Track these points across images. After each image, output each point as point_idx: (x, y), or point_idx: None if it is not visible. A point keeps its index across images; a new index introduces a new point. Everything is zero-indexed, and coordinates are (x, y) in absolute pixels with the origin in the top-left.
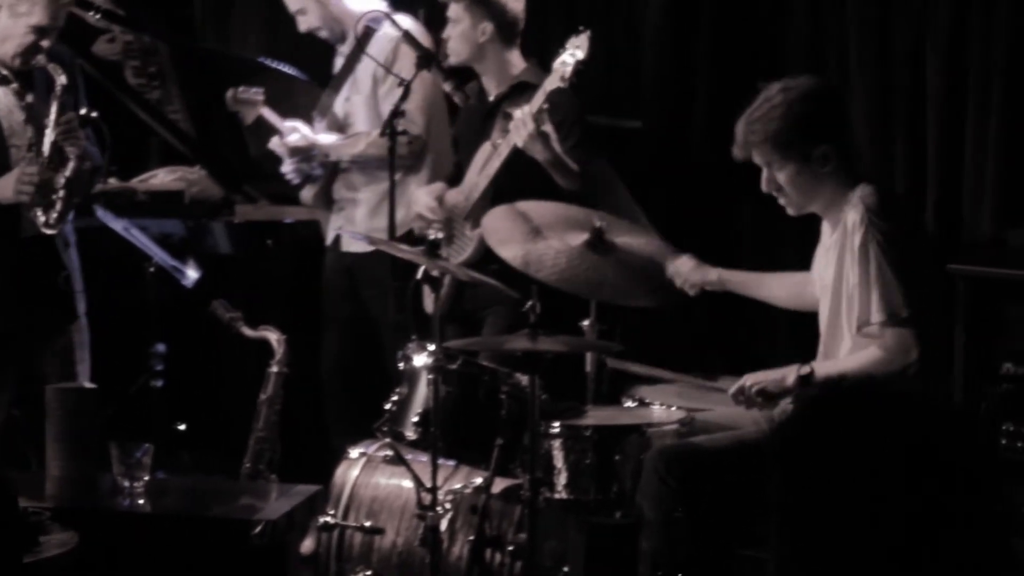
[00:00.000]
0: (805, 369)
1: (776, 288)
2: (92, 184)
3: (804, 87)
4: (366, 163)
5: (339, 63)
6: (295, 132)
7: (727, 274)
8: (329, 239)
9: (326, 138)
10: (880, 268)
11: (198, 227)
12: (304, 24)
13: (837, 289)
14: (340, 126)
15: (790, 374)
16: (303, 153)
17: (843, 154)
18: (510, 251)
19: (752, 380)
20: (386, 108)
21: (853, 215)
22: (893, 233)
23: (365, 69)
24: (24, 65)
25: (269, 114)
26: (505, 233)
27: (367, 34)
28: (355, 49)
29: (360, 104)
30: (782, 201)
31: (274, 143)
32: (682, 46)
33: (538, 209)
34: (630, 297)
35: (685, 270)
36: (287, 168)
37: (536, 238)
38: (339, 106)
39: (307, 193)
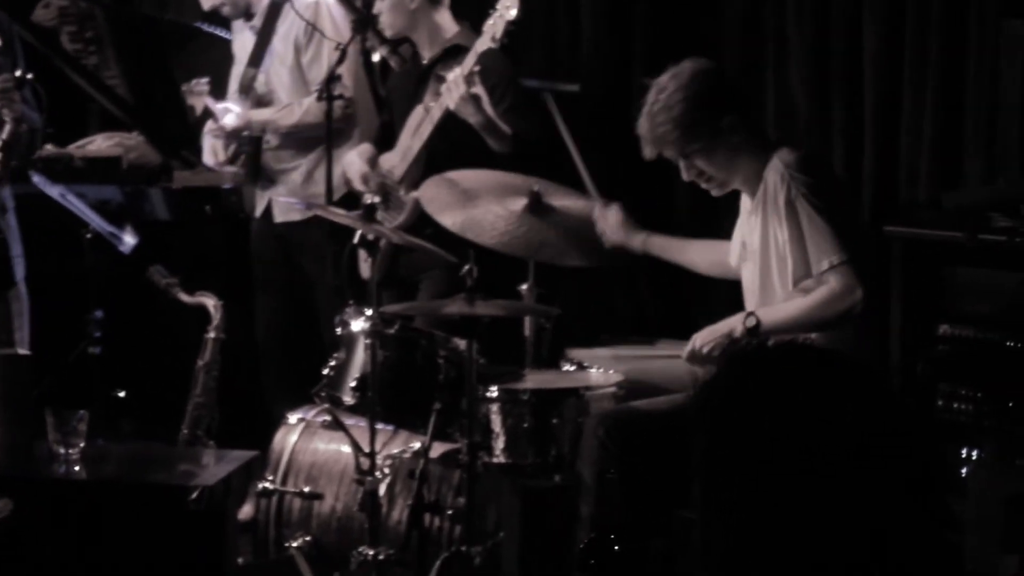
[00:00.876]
0: (751, 320)
1: (697, 255)
2: (32, 147)
3: (692, 68)
4: (300, 132)
5: (245, 39)
6: (228, 113)
7: (651, 239)
8: (259, 210)
9: (260, 113)
10: (810, 219)
11: (136, 193)
12: (207, 1)
13: (765, 251)
14: (263, 101)
15: (737, 326)
16: (240, 132)
17: (749, 123)
18: (449, 217)
19: (701, 340)
20: (312, 75)
21: (773, 176)
22: (816, 184)
23: (283, 40)
24: None
25: (210, 102)
26: (443, 201)
27: (277, 5)
28: (267, 22)
29: (284, 75)
30: (705, 185)
31: (209, 127)
32: (620, 9)
33: (471, 177)
34: (570, 258)
35: (611, 223)
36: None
37: (473, 204)
38: (259, 81)
39: (238, 170)
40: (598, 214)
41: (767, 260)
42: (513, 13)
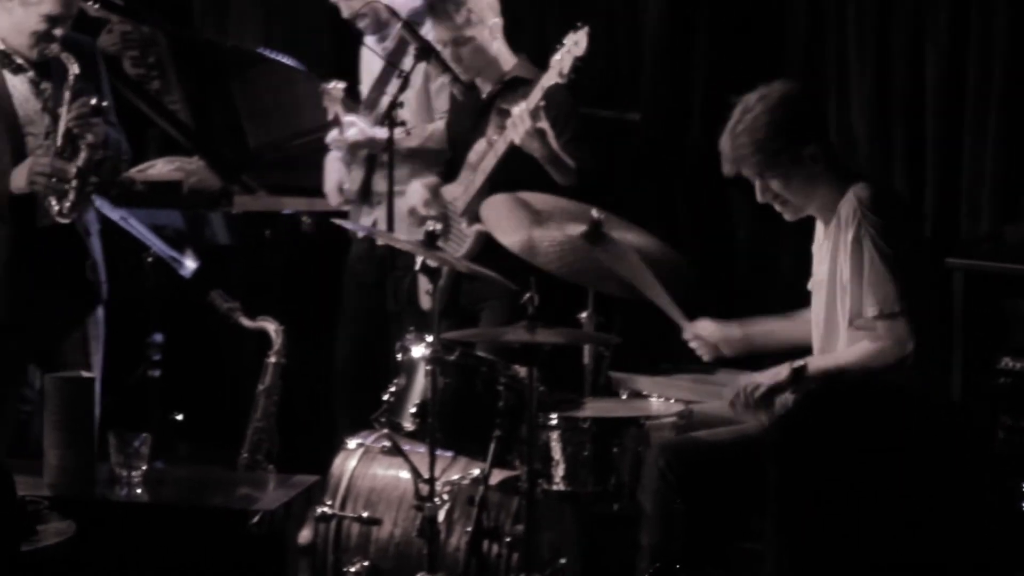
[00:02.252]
0: (798, 363)
1: (800, 330)
2: (116, 173)
3: (781, 91)
4: (417, 157)
5: (371, 57)
6: (353, 127)
7: (750, 332)
8: (363, 232)
9: (382, 132)
10: (872, 262)
11: (196, 217)
12: (348, 10)
13: (832, 284)
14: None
15: (783, 370)
16: (361, 148)
17: (830, 152)
18: (509, 237)
19: (749, 383)
20: (439, 103)
21: (847, 209)
22: (886, 227)
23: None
24: (39, 55)
25: (341, 111)
26: (505, 220)
27: (408, 29)
28: (400, 43)
29: (411, 98)
30: (779, 208)
31: (332, 137)
32: (681, 39)
33: (537, 198)
34: (610, 287)
35: (707, 332)
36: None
37: (535, 226)
38: (386, 101)
39: (350, 187)
40: (691, 336)
41: (833, 294)
42: (582, 49)
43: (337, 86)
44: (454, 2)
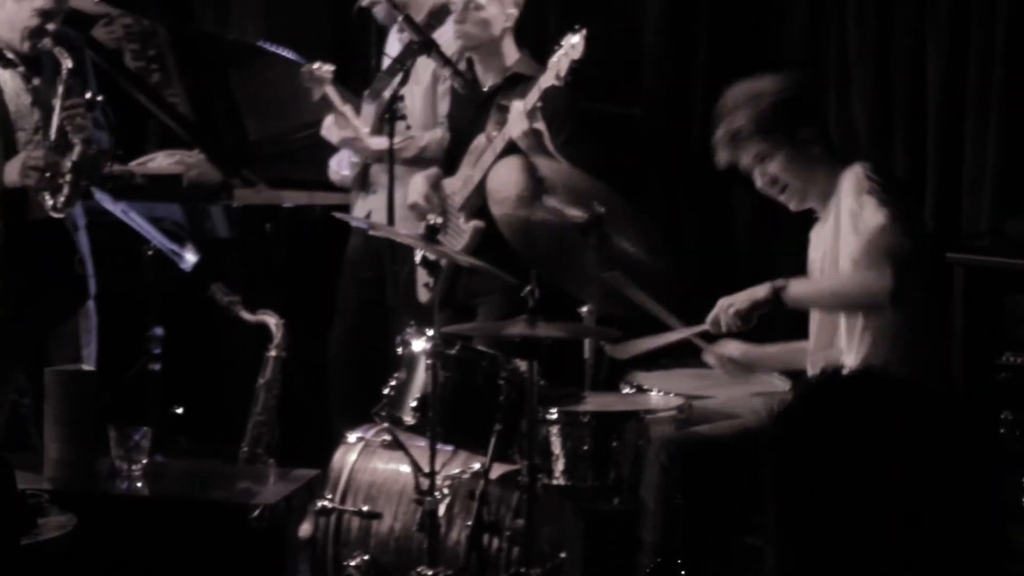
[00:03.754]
0: (780, 283)
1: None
2: (100, 168)
3: (774, 77)
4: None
5: (394, 46)
6: (348, 127)
7: (772, 350)
8: (356, 223)
9: (378, 142)
10: (869, 213)
11: (196, 211)
12: None
13: (834, 258)
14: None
15: (762, 289)
16: (349, 147)
17: (827, 137)
18: (501, 209)
19: (726, 302)
20: (443, 107)
21: (849, 180)
22: (884, 197)
23: (427, 61)
24: (31, 49)
25: (333, 93)
26: (507, 189)
27: (432, 26)
28: (418, 38)
29: (416, 95)
30: (782, 197)
31: (327, 125)
32: (681, 33)
33: (549, 166)
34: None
35: (736, 353)
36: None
37: (534, 205)
38: (388, 92)
39: (348, 174)
40: (716, 361)
41: (835, 268)
42: (579, 52)
43: (323, 67)
44: None
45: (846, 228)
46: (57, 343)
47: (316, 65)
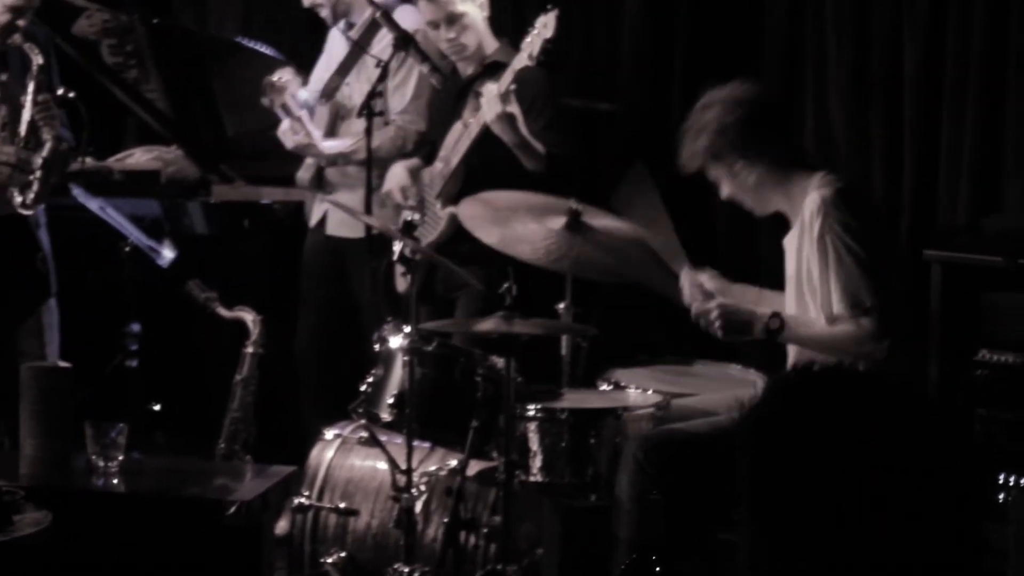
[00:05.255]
0: (775, 322)
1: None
2: (67, 165)
3: (740, 87)
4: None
5: (338, 45)
6: (301, 131)
7: (743, 293)
8: (314, 219)
9: (331, 146)
10: (839, 258)
11: (174, 207)
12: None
13: (799, 281)
14: (341, 112)
15: (758, 323)
16: (301, 151)
17: (792, 148)
18: (490, 234)
19: (719, 312)
20: (394, 102)
21: (810, 207)
22: (850, 224)
23: (378, 53)
24: (1, 45)
25: (290, 100)
26: (483, 218)
27: (377, 23)
28: (364, 36)
29: (366, 91)
30: (746, 206)
31: (282, 130)
32: (660, 29)
33: (506, 198)
34: (612, 275)
35: (710, 284)
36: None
37: (512, 222)
38: (343, 93)
39: (303, 174)
40: (687, 280)
41: (800, 291)
42: (551, 31)
43: (282, 79)
44: None
45: (818, 270)
46: (25, 338)
47: (275, 77)
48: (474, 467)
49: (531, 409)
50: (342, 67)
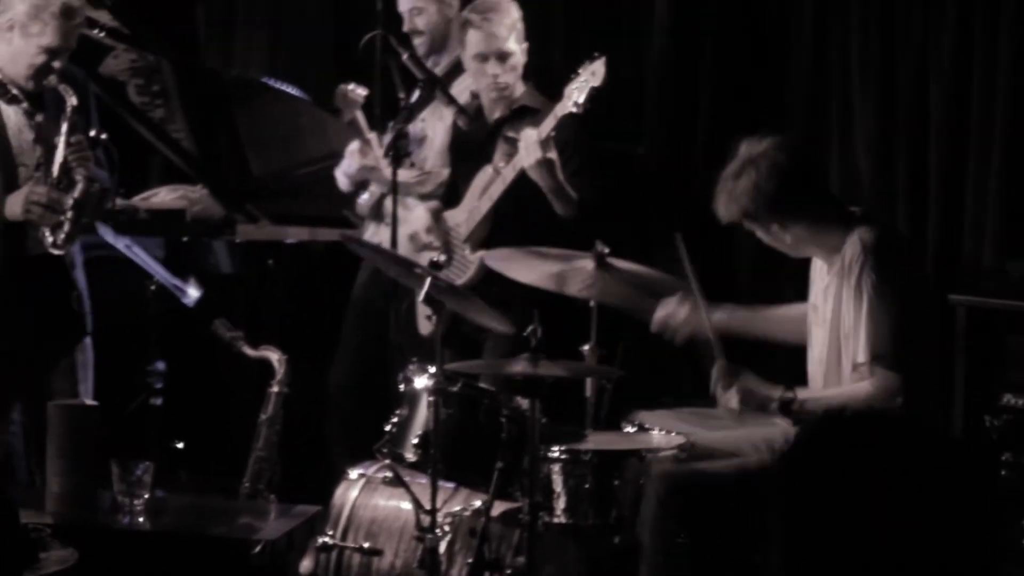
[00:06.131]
0: (788, 395)
1: (780, 323)
2: (102, 206)
3: (776, 142)
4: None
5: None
6: (370, 155)
7: (734, 315)
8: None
9: (399, 175)
10: (872, 308)
11: (200, 246)
12: (411, 24)
13: (835, 326)
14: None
15: (774, 394)
16: (366, 175)
17: (830, 198)
18: (532, 275)
19: (741, 396)
20: (424, 151)
21: (851, 251)
22: (888, 273)
23: (456, 96)
24: (36, 86)
25: (361, 118)
26: (512, 258)
27: (414, 60)
28: (449, 72)
29: (439, 130)
30: (782, 249)
31: (351, 150)
32: (686, 71)
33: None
34: (641, 309)
35: (682, 311)
36: (340, 174)
37: (542, 263)
38: (417, 127)
39: (363, 202)
40: (670, 309)
41: (836, 336)
42: (599, 80)
43: (357, 89)
44: (498, 10)
45: (853, 319)
46: (58, 377)
47: (351, 87)
48: (498, 508)
49: (555, 450)
50: (421, 100)
